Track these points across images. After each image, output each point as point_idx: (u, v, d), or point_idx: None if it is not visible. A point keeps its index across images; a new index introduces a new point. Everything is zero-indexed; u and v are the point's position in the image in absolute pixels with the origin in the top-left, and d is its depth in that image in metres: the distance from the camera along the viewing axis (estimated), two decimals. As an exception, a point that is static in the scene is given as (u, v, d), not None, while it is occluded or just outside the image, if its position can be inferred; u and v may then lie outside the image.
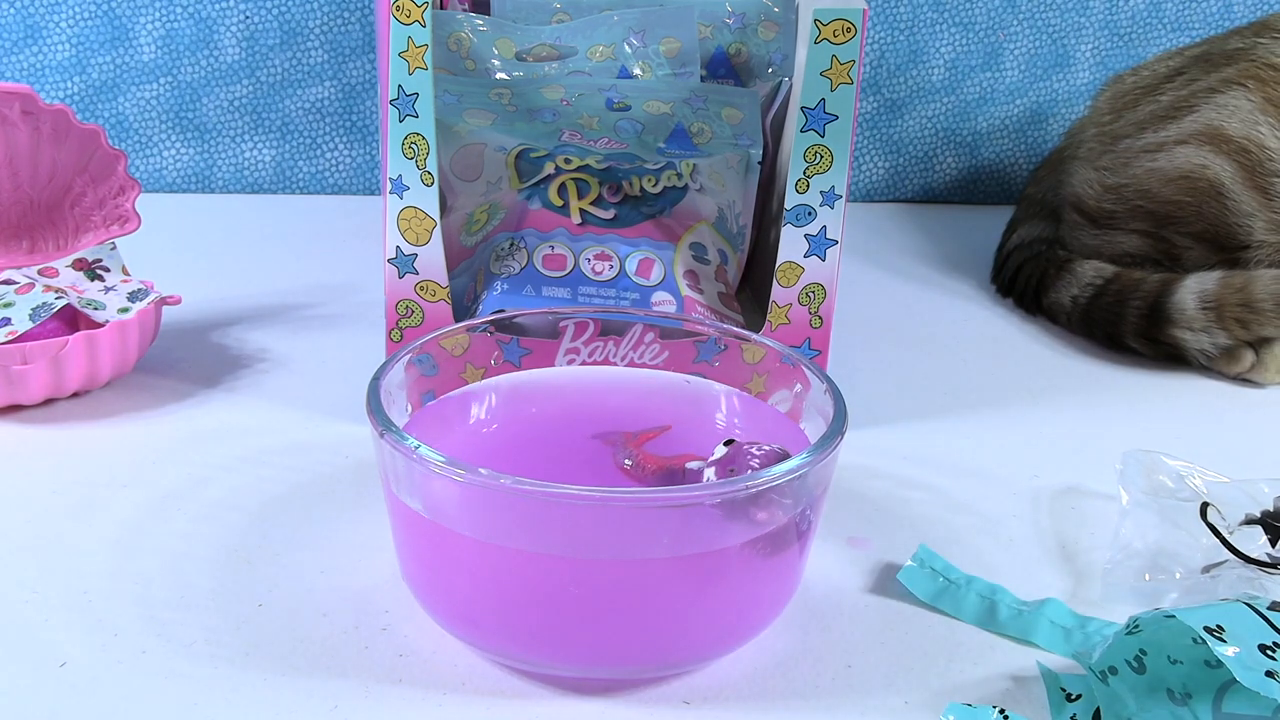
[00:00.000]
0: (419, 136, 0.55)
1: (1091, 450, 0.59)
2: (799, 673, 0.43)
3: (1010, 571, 0.49)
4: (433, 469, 0.38)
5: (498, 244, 0.59)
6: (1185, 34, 0.92)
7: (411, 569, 0.42)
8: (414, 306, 0.57)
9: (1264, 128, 0.67)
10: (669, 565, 0.39)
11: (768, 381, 0.49)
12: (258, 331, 0.67)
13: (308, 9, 0.86)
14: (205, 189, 0.90)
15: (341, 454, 0.55)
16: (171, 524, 0.50)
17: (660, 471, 0.45)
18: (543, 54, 0.66)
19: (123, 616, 0.44)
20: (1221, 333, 0.66)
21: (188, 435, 0.57)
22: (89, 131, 0.61)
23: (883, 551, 0.50)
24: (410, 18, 0.53)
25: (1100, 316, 0.69)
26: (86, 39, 0.85)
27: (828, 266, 0.57)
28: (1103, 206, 0.73)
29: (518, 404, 0.50)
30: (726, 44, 0.69)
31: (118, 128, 0.87)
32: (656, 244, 0.59)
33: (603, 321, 0.51)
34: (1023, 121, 0.93)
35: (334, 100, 0.88)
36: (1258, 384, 0.67)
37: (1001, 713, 0.40)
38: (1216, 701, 0.40)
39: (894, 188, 0.94)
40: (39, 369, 0.56)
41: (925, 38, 0.90)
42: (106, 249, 0.63)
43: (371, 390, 0.43)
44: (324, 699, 0.41)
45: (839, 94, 0.55)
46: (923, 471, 0.56)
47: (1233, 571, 0.47)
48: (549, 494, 0.37)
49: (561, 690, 0.41)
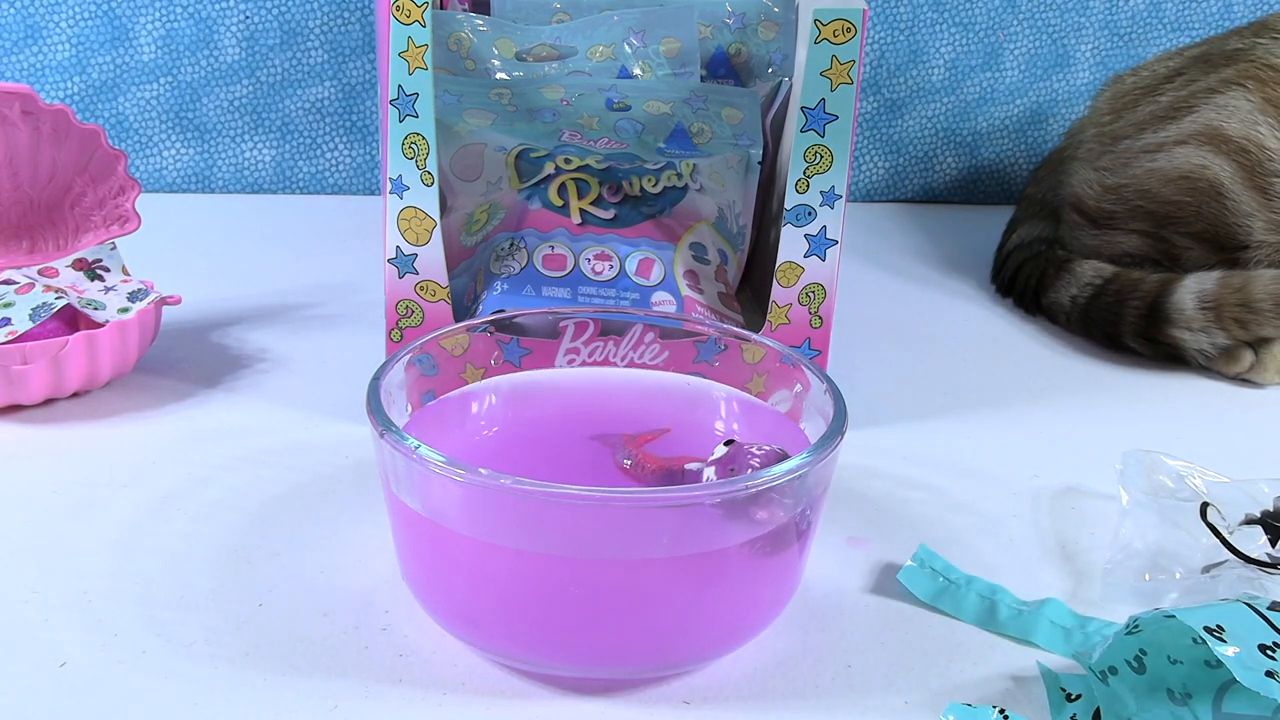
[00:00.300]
0: (419, 136, 0.55)
1: (1091, 450, 0.59)
2: (799, 673, 0.43)
3: (1010, 571, 0.49)
4: (432, 469, 0.38)
5: (498, 244, 0.59)
6: (1185, 34, 0.92)
7: (411, 569, 0.42)
8: (414, 306, 0.57)
9: (1263, 128, 0.67)
10: (669, 565, 0.39)
11: (768, 381, 0.49)
12: (258, 331, 0.67)
13: (308, 9, 0.86)
14: (205, 189, 0.90)
15: (341, 454, 0.55)
16: (171, 524, 0.50)
17: (660, 472, 0.45)
18: (543, 54, 0.66)
19: (123, 616, 0.44)
20: (1220, 333, 0.66)
21: (188, 435, 0.57)
22: (89, 131, 0.61)
23: (883, 551, 0.50)
24: (410, 18, 0.53)
25: (1099, 316, 0.69)
26: (86, 39, 0.85)
27: (828, 266, 0.57)
28: (1102, 207, 0.73)
29: (517, 404, 0.50)
30: (726, 44, 0.69)
31: (118, 128, 0.87)
32: (656, 244, 0.59)
33: (603, 321, 0.51)
34: (1023, 121, 0.93)
35: (334, 100, 0.88)
36: (1257, 384, 0.67)
37: (1001, 713, 0.40)
38: (1216, 701, 0.40)
39: (894, 188, 0.94)
40: (39, 369, 0.56)
41: (925, 38, 0.90)
42: (106, 249, 0.63)
43: (371, 390, 0.43)
44: (324, 699, 0.41)
45: (839, 94, 0.55)
46: (923, 471, 0.56)
47: (1233, 571, 0.47)
48: (549, 494, 0.37)
49: (561, 690, 0.41)
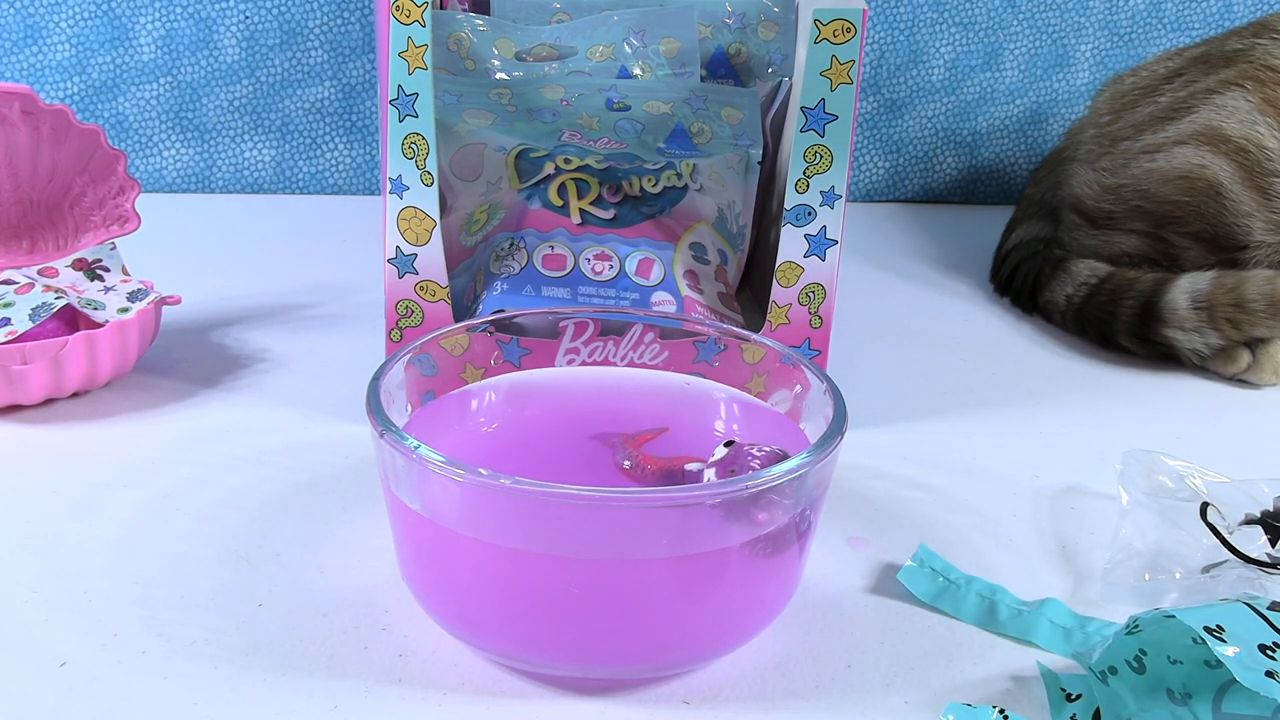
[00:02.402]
0: (419, 136, 0.55)
1: (1091, 450, 0.59)
2: (799, 673, 0.43)
3: (1010, 571, 0.49)
4: (432, 469, 0.38)
5: (498, 244, 0.59)
6: (1185, 34, 0.92)
7: (411, 569, 0.42)
8: (414, 306, 0.57)
9: (1262, 128, 0.67)
10: (669, 565, 0.39)
11: (768, 382, 0.48)
12: (258, 331, 0.67)
13: (308, 9, 0.86)
14: (205, 189, 0.90)
15: (341, 454, 0.55)
16: (171, 524, 0.50)
17: (660, 472, 0.45)
18: (543, 54, 0.66)
19: (123, 616, 0.44)
20: (1213, 333, 0.66)
21: (188, 435, 0.57)
22: (89, 131, 0.61)
23: (883, 551, 0.50)
24: (410, 18, 0.53)
25: (1094, 315, 0.69)
26: (86, 39, 0.85)
27: (828, 266, 0.57)
28: (1101, 207, 0.73)
29: (517, 404, 0.50)
30: (726, 44, 0.69)
31: (118, 128, 0.87)
32: (656, 244, 0.59)
33: (603, 321, 0.51)
34: (1023, 121, 0.93)
35: (334, 100, 0.88)
36: (1254, 385, 0.66)
37: (1001, 713, 0.40)
38: (1216, 701, 0.40)
39: (894, 188, 0.94)
40: (39, 369, 0.56)
41: (925, 38, 0.90)
42: (106, 249, 0.63)
43: (371, 390, 0.43)
44: (324, 699, 0.41)
45: (839, 94, 0.55)
46: (923, 471, 0.56)
47: (1232, 571, 0.47)
48: (549, 494, 0.37)
49: (561, 690, 0.41)
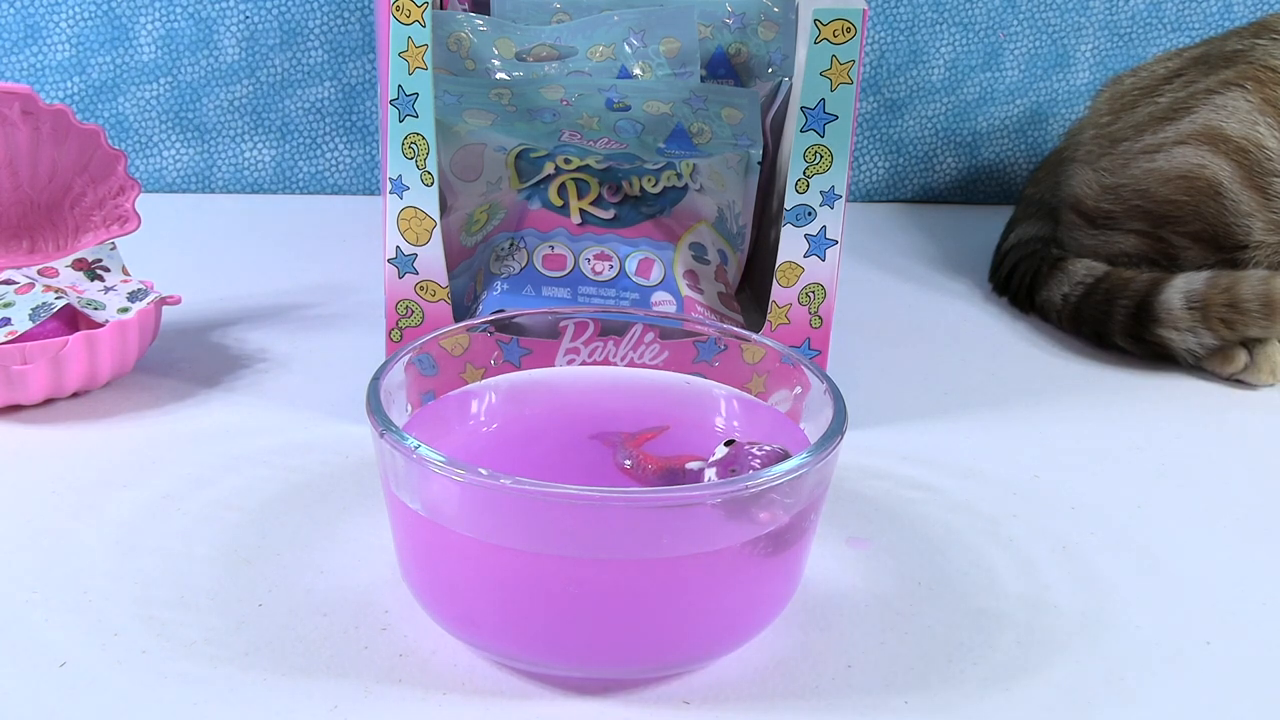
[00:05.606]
0: (419, 136, 0.55)
1: (1091, 450, 0.59)
2: (799, 673, 0.43)
3: (1010, 571, 0.49)
4: (432, 469, 0.38)
5: (498, 244, 0.59)
6: (1185, 34, 0.92)
7: (411, 569, 0.42)
8: (414, 306, 0.57)
9: (1262, 128, 0.67)
10: (669, 565, 0.39)
11: (768, 382, 0.49)
12: (258, 331, 0.67)
13: (308, 9, 0.86)
14: (205, 189, 0.90)
15: (341, 454, 0.55)
16: (171, 524, 0.50)
17: (660, 472, 0.45)
18: (543, 54, 0.66)
19: (123, 616, 0.44)
20: (1207, 333, 0.65)
21: (188, 435, 0.57)
22: (89, 131, 0.61)
23: (883, 551, 0.50)
24: (410, 18, 0.53)
25: (1089, 315, 0.69)
26: (86, 39, 0.85)
27: (828, 266, 0.58)
28: (1101, 207, 0.73)
29: (517, 404, 0.50)
30: (726, 44, 0.69)
31: (118, 128, 0.87)
32: (656, 244, 0.59)
33: (603, 321, 0.51)
34: (1023, 121, 0.93)
35: (334, 100, 0.88)
36: (1251, 385, 0.66)
37: None
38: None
39: (894, 188, 0.94)
40: (39, 369, 0.56)
41: (925, 38, 0.90)
42: (106, 249, 0.63)
43: (371, 390, 0.43)
44: (324, 699, 0.41)
45: (839, 94, 0.55)
46: (923, 471, 0.56)
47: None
48: (549, 494, 0.37)
49: (561, 690, 0.41)
